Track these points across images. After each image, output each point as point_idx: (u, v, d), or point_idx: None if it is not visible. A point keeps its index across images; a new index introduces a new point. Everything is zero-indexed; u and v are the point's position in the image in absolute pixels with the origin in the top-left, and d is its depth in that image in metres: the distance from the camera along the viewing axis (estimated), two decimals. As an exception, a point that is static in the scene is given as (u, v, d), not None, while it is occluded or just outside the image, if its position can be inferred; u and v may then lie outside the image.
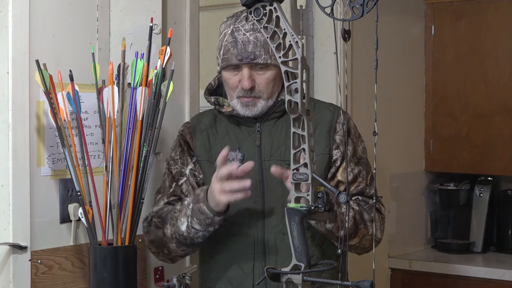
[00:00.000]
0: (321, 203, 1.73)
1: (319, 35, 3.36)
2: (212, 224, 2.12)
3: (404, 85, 3.86)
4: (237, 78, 2.19)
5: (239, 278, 2.19)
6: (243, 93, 2.19)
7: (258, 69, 2.18)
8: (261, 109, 2.21)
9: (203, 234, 2.15)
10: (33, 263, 2.21)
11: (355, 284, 1.66)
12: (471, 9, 3.88)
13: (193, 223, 2.13)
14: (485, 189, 3.89)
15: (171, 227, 2.18)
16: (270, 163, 2.16)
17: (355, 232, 2.14)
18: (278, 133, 2.22)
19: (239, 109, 2.21)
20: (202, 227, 2.12)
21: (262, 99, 2.20)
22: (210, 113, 2.35)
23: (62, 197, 2.29)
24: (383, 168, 3.64)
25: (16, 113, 2.16)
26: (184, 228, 2.15)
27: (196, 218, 2.12)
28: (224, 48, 2.18)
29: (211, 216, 2.10)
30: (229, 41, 2.17)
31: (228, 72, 2.21)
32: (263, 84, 2.19)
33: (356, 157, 2.25)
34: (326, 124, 2.22)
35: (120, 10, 2.43)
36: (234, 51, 2.16)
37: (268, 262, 2.16)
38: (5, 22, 2.16)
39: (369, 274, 1.68)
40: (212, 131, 2.29)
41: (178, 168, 2.30)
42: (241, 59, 2.16)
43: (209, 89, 2.33)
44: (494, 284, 3.53)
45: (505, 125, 3.79)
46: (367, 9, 1.63)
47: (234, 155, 2.15)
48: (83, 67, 2.30)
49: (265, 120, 2.24)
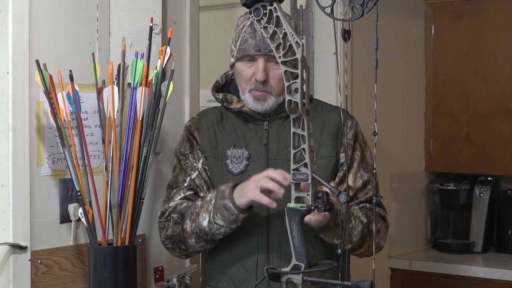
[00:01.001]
0: (321, 203, 1.73)
1: (319, 35, 3.36)
2: (235, 221, 2.11)
3: (404, 85, 3.86)
4: (252, 71, 2.20)
5: (242, 276, 2.19)
6: (255, 85, 2.19)
7: (274, 63, 2.18)
8: (272, 105, 2.21)
9: (225, 230, 2.14)
10: (33, 263, 2.21)
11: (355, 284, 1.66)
12: (471, 9, 3.88)
13: (216, 218, 2.12)
14: (485, 189, 3.89)
15: (191, 222, 2.17)
16: (277, 163, 2.17)
17: (361, 245, 2.15)
18: (286, 133, 2.22)
19: (251, 103, 2.21)
20: (225, 223, 2.12)
21: (272, 95, 2.20)
22: (216, 110, 2.34)
23: (62, 197, 2.29)
24: (383, 168, 3.64)
25: (16, 113, 2.16)
26: (206, 224, 2.13)
27: (220, 214, 2.10)
28: (242, 39, 2.19)
29: (236, 213, 2.09)
30: (247, 32, 2.18)
31: (242, 63, 2.21)
32: (275, 80, 2.19)
33: (364, 163, 2.24)
34: (333, 126, 2.22)
35: (120, 10, 2.43)
36: (252, 41, 2.17)
37: (272, 261, 2.16)
38: (5, 22, 2.16)
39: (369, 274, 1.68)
40: (219, 128, 2.29)
41: (189, 163, 2.28)
42: (258, 50, 2.16)
43: (217, 86, 2.34)
44: (494, 284, 3.53)
45: (505, 125, 3.79)
46: (367, 9, 1.63)
47: (240, 153, 2.15)
48: (83, 67, 2.30)
49: (273, 119, 2.24)
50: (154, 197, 2.52)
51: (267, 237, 2.17)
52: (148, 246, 2.52)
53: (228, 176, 2.21)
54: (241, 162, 2.21)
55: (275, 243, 2.16)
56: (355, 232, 2.12)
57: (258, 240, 2.18)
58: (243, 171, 2.20)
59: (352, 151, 2.23)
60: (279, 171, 2.02)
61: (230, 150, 2.23)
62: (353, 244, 2.13)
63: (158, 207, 2.49)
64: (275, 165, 2.16)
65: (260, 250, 2.17)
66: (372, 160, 2.27)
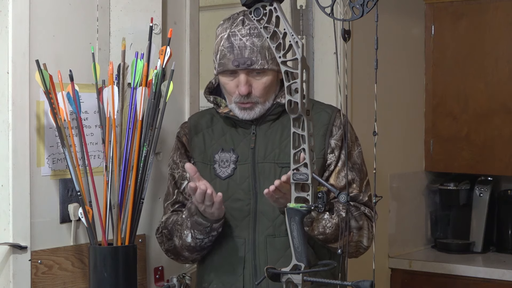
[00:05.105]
0: (321, 203, 1.73)
1: (319, 35, 3.36)
2: (213, 230, 2.16)
3: (404, 85, 3.86)
4: (234, 83, 2.18)
5: (231, 279, 2.20)
6: (240, 98, 2.18)
7: (255, 74, 2.17)
8: (259, 112, 2.21)
9: (209, 239, 2.18)
10: (33, 263, 2.21)
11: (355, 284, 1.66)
12: (471, 9, 3.88)
13: (195, 234, 2.17)
14: (485, 189, 3.89)
15: (178, 240, 2.22)
16: (264, 166, 2.17)
17: (335, 238, 2.12)
18: (273, 135, 2.22)
19: (238, 113, 2.21)
20: (205, 235, 2.16)
21: (259, 103, 2.19)
22: (208, 112, 2.34)
23: (62, 197, 2.29)
24: (383, 168, 3.64)
25: (16, 113, 2.16)
26: (190, 240, 2.19)
27: (197, 230, 2.16)
28: (221, 53, 2.17)
29: (209, 225, 2.14)
30: (225, 46, 2.16)
31: (225, 77, 2.20)
32: (259, 89, 2.18)
33: (350, 162, 2.23)
34: (322, 127, 2.20)
35: (120, 10, 2.43)
36: (231, 56, 2.15)
37: (258, 264, 2.16)
38: (5, 22, 2.16)
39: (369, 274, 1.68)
40: (208, 132, 2.29)
41: (180, 172, 2.30)
42: (237, 65, 2.15)
43: (210, 87, 2.33)
44: (494, 284, 3.53)
45: (505, 125, 3.79)
46: (367, 9, 1.63)
47: (228, 156, 2.16)
48: (83, 67, 2.30)
49: (260, 123, 2.24)
50: (154, 197, 2.52)
51: (253, 239, 2.18)
52: (148, 246, 2.52)
53: (216, 180, 2.22)
54: (228, 166, 2.22)
55: (262, 245, 2.17)
56: (329, 224, 2.10)
57: (245, 242, 2.19)
58: (231, 175, 2.21)
59: (339, 150, 2.21)
60: (198, 193, 2.06)
61: (218, 155, 2.24)
62: (325, 236, 2.11)
63: (158, 207, 2.49)
64: (262, 168, 2.17)
65: (247, 253, 2.18)
66: (361, 159, 2.25)
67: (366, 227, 2.18)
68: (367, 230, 2.18)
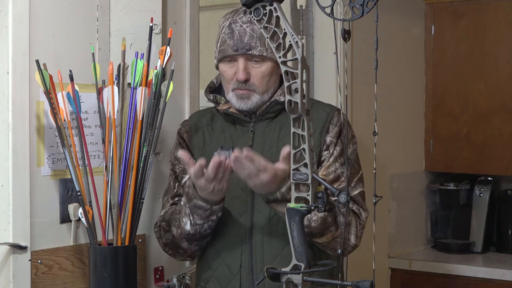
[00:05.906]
0: (321, 203, 1.73)
1: (319, 35, 3.36)
2: (212, 213, 2.13)
3: (404, 85, 3.86)
4: (233, 71, 2.20)
5: (227, 278, 2.20)
6: (237, 85, 2.19)
7: (254, 62, 2.18)
8: (256, 103, 2.21)
9: (209, 225, 2.16)
10: (33, 263, 2.21)
11: (355, 284, 1.66)
12: (471, 9, 3.88)
13: (195, 219, 2.14)
14: (485, 189, 3.89)
15: (176, 229, 2.20)
16: None
17: (321, 233, 2.10)
18: (271, 133, 2.22)
19: (234, 102, 2.21)
20: (205, 220, 2.13)
21: (256, 92, 2.19)
22: (209, 111, 2.35)
23: (62, 197, 2.29)
24: (383, 168, 3.64)
25: (16, 113, 2.16)
26: (189, 227, 2.16)
27: (196, 214, 2.13)
28: (221, 40, 2.20)
29: (209, 208, 2.11)
30: (226, 32, 2.19)
31: (224, 64, 2.22)
32: (258, 77, 2.19)
33: (342, 157, 2.23)
34: (319, 124, 2.21)
35: (120, 10, 2.43)
36: (230, 42, 2.17)
37: (255, 262, 2.16)
38: (5, 22, 2.16)
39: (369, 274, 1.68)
40: (208, 129, 2.30)
41: (181, 167, 2.29)
42: (236, 50, 2.16)
43: (211, 87, 2.34)
44: (494, 284, 3.53)
45: (505, 125, 3.79)
46: (367, 9, 1.63)
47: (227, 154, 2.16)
48: (83, 67, 2.30)
49: (259, 120, 2.24)
50: (154, 197, 2.52)
51: (250, 239, 2.18)
52: (148, 246, 2.52)
53: None
54: None
55: (258, 244, 2.17)
56: (314, 217, 2.08)
57: (242, 242, 2.18)
58: None
59: (334, 147, 2.21)
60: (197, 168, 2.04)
61: (217, 152, 2.24)
62: (310, 229, 2.08)
63: (158, 207, 2.49)
64: None
65: (243, 252, 2.18)
66: (354, 155, 2.25)
67: (354, 224, 2.16)
68: (354, 227, 2.16)
